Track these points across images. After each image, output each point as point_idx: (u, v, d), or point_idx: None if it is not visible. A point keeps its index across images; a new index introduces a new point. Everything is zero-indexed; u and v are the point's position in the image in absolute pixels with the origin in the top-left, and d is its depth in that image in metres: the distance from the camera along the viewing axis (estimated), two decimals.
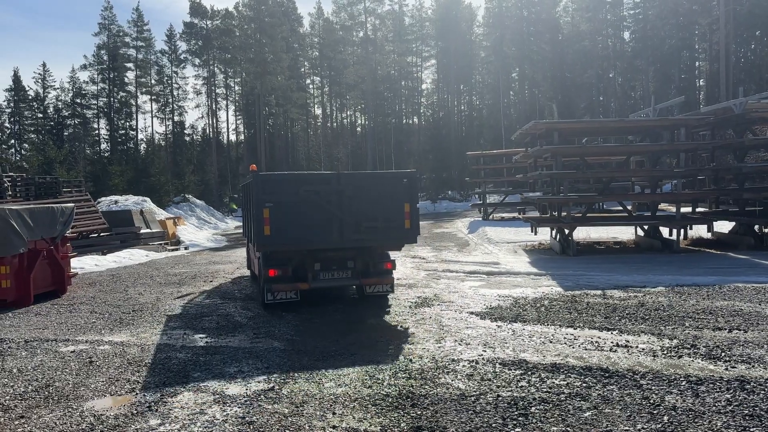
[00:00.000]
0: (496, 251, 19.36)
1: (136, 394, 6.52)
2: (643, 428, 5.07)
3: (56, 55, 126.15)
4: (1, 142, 64.09)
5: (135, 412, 5.95)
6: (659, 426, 5.10)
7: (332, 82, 77.60)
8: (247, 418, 5.65)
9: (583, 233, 21.15)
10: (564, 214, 18.09)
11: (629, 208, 21.16)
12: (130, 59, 67.48)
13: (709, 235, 19.68)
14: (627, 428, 5.07)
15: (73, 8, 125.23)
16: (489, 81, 75.36)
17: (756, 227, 18.13)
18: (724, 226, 20.04)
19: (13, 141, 69.32)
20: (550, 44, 68.26)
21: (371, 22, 73.39)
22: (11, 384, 7.00)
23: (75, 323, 10.42)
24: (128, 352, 8.26)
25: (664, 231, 18.94)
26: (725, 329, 8.40)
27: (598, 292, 11.63)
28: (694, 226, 19.29)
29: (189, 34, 66.41)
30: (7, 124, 69.01)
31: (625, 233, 21.69)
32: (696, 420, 5.19)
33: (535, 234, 20.90)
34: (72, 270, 15.28)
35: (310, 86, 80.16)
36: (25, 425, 5.70)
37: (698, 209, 20.71)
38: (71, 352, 8.41)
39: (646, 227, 19.22)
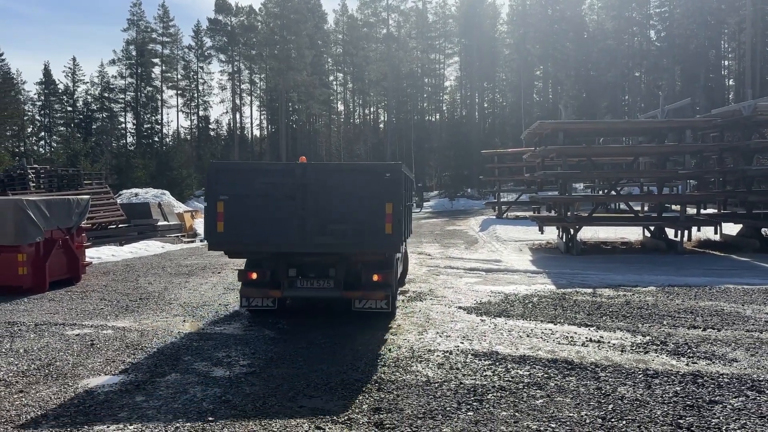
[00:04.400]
0: (501, 249, 19.63)
1: (128, 374, 7.01)
2: (586, 414, 5.40)
3: (86, 49, 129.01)
4: (30, 135, 65.81)
5: (124, 389, 6.44)
6: (602, 413, 5.43)
7: (355, 78, 78.19)
8: (224, 398, 6.10)
9: (590, 233, 21.29)
10: (569, 213, 18.29)
11: (637, 208, 21.23)
12: (157, 54, 68.82)
13: (716, 237, 19.70)
14: (571, 414, 5.42)
15: (103, 3, 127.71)
16: (512, 79, 75.16)
17: (763, 230, 18.15)
18: (733, 229, 20.03)
19: (43, 133, 71.21)
20: (575, 42, 67.92)
21: (394, 19, 73.80)
22: (16, 362, 7.55)
23: (84, 309, 11.00)
24: (128, 337, 8.77)
25: (671, 232, 19.01)
26: (700, 328, 8.64)
27: (589, 290, 11.89)
28: (702, 228, 19.35)
29: (214, 30, 67.55)
30: (37, 117, 70.86)
31: (634, 234, 21.77)
32: (638, 408, 5.51)
33: (542, 233, 21.10)
34: (88, 259, 15.91)
35: (334, 83, 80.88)
36: (23, 399, 6.22)
37: (708, 211, 20.73)
38: (76, 335, 8.96)
39: (652, 228, 19.33)
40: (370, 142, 72.88)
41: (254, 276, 9.38)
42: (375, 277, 9.14)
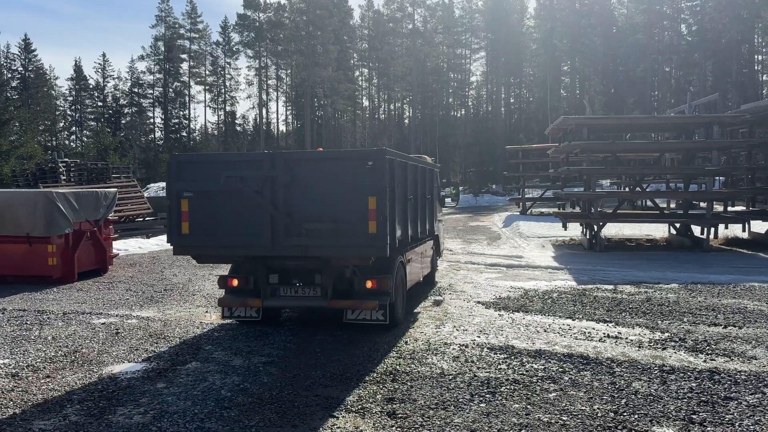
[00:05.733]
0: (524, 245, 19.56)
1: (151, 361, 7.20)
2: (598, 408, 5.42)
3: (116, 45, 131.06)
4: (62, 129, 67.17)
5: (146, 376, 6.63)
6: (614, 407, 5.44)
7: (380, 73, 78.25)
8: (242, 386, 6.24)
9: (615, 230, 21.07)
10: (593, 210, 18.13)
11: (663, 205, 20.96)
12: (185, 50, 69.72)
13: (745, 235, 19.35)
14: (583, 408, 5.44)
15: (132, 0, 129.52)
16: (538, 74, 74.47)
17: None
18: (762, 226, 19.63)
19: (74, 128, 72.62)
20: (603, 37, 67.03)
21: (420, 14, 73.65)
22: (44, 349, 7.80)
23: (110, 299, 11.28)
24: (152, 326, 8.99)
25: (697, 230, 18.74)
26: (721, 325, 8.55)
27: (610, 286, 11.82)
28: (730, 226, 19.04)
29: (242, 26, 68.19)
30: (69, 112, 72.30)
31: (659, 231, 21.49)
32: (651, 404, 5.51)
33: (566, 230, 20.93)
34: (115, 251, 16.27)
35: (359, 78, 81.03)
36: (50, 384, 6.45)
37: (736, 208, 20.37)
38: (101, 324, 9.20)
39: (678, 225, 19.07)
40: (394, 137, 72.84)
41: (235, 283, 8.56)
42: (369, 284, 8.08)
